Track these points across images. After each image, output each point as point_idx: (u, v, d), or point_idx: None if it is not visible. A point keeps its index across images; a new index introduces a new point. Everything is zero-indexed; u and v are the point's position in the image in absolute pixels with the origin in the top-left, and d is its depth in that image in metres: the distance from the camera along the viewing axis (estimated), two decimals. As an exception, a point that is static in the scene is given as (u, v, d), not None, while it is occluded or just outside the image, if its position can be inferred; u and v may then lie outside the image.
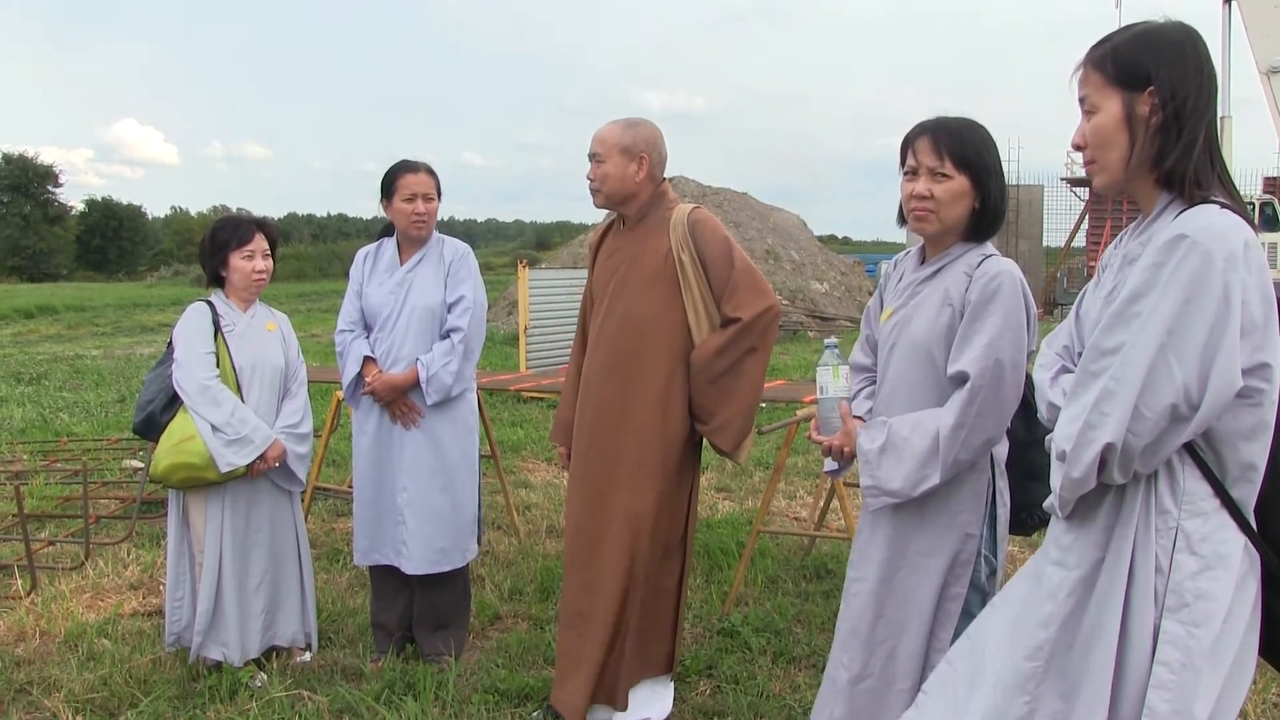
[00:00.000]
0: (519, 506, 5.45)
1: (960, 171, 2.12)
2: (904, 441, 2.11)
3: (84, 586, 4.22)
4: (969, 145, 2.12)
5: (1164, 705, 1.50)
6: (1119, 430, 1.50)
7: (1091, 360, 1.56)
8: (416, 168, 3.42)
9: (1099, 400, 1.53)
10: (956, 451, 2.06)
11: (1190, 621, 1.50)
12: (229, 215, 3.52)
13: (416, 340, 3.39)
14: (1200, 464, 1.53)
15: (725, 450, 2.88)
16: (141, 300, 28.95)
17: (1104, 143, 1.62)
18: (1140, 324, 1.50)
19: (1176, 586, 1.51)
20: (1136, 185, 1.64)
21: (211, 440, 3.14)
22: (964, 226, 2.17)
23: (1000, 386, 2.04)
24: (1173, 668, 1.50)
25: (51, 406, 9.39)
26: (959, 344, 2.10)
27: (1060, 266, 26.38)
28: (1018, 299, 2.08)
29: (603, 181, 2.88)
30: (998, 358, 2.03)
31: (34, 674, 3.36)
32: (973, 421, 2.04)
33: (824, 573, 4.39)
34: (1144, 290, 1.51)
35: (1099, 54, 1.64)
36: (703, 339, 2.83)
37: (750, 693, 3.19)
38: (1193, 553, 1.51)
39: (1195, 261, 1.47)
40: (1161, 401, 1.48)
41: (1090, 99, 1.64)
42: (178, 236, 62.57)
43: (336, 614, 3.90)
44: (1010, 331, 2.05)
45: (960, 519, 2.15)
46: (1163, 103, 1.56)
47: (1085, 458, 1.53)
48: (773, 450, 6.80)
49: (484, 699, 3.13)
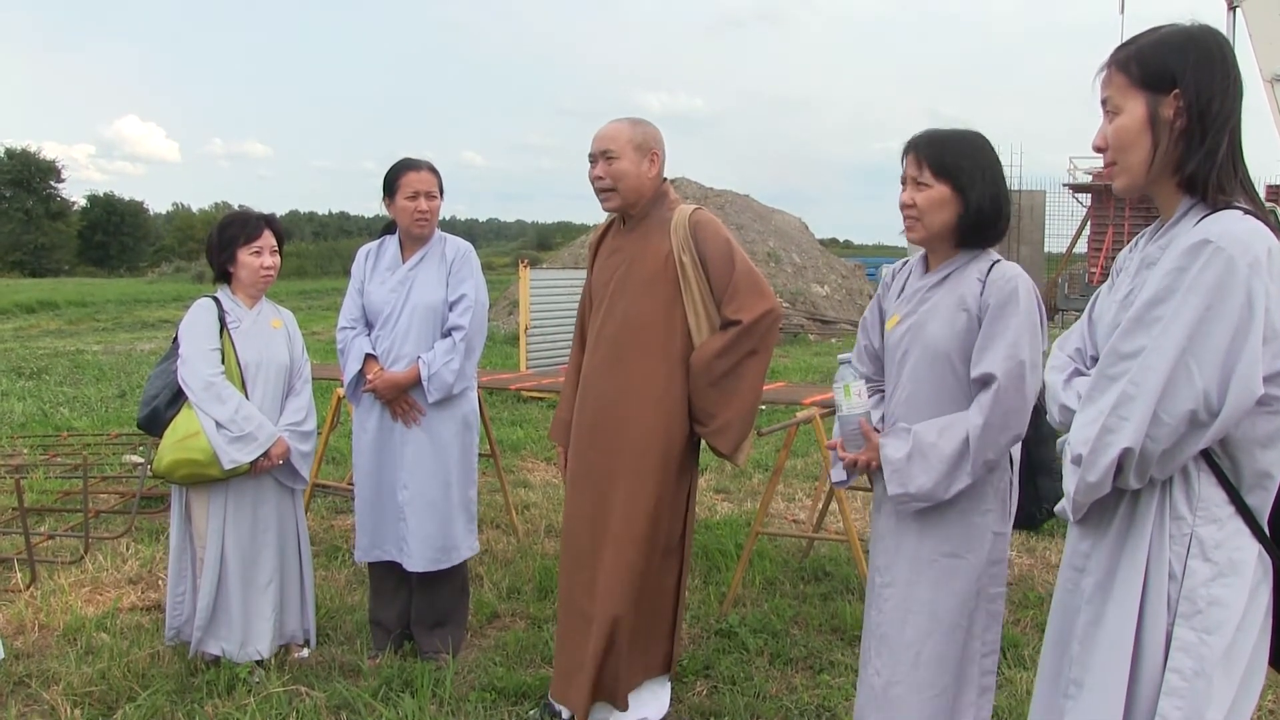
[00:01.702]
0: (518, 506, 5.46)
1: (939, 180, 2.16)
2: (931, 447, 2.14)
3: (83, 580, 4.23)
4: (947, 153, 2.16)
5: (1176, 713, 1.49)
6: (1137, 435, 1.48)
7: (1110, 364, 1.55)
8: (419, 166, 3.43)
9: (1117, 404, 1.51)
10: (986, 452, 2.11)
11: (1203, 629, 1.49)
12: (237, 211, 3.53)
13: (418, 338, 3.39)
14: (1216, 471, 1.52)
15: (724, 453, 2.88)
16: (143, 296, 28.99)
17: (1126, 145, 1.61)
18: (1161, 329, 1.49)
19: (1190, 593, 1.51)
20: (1158, 188, 1.63)
21: (215, 437, 3.14)
22: (952, 233, 2.20)
23: (1023, 386, 2.09)
24: (1185, 675, 1.49)
25: (52, 401, 9.41)
26: (981, 347, 2.14)
27: (1061, 272, 26.38)
28: (1032, 301, 2.13)
29: (618, 179, 2.84)
30: (1020, 358, 2.08)
31: (33, 667, 3.37)
32: (1000, 421, 2.09)
33: (822, 575, 4.40)
34: (1165, 295, 1.49)
35: (1124, 55, 1.62)
36: (703, 341, 2.83)
37: (747, 693, 3.20)
38: (1206, 559, 1.50)
39: (1218, 267, 1.45)
40: (1181, 407, 1.46)
41: (1113, 100, 1.62)
42: (179, 233, 62.63)
43: (335, 611, 3.91)
44: (1029, 332, 2.10)
45: (989, 518, 2.18)
46: (1188, 106, 1.55)
47: (1102, 462, 1.52)
48: (772, 452, 6.81)
49: (481, 697, 3.14)
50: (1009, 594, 4.13)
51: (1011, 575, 4.42)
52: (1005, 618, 3.84)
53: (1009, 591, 4.16)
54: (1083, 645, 1.63)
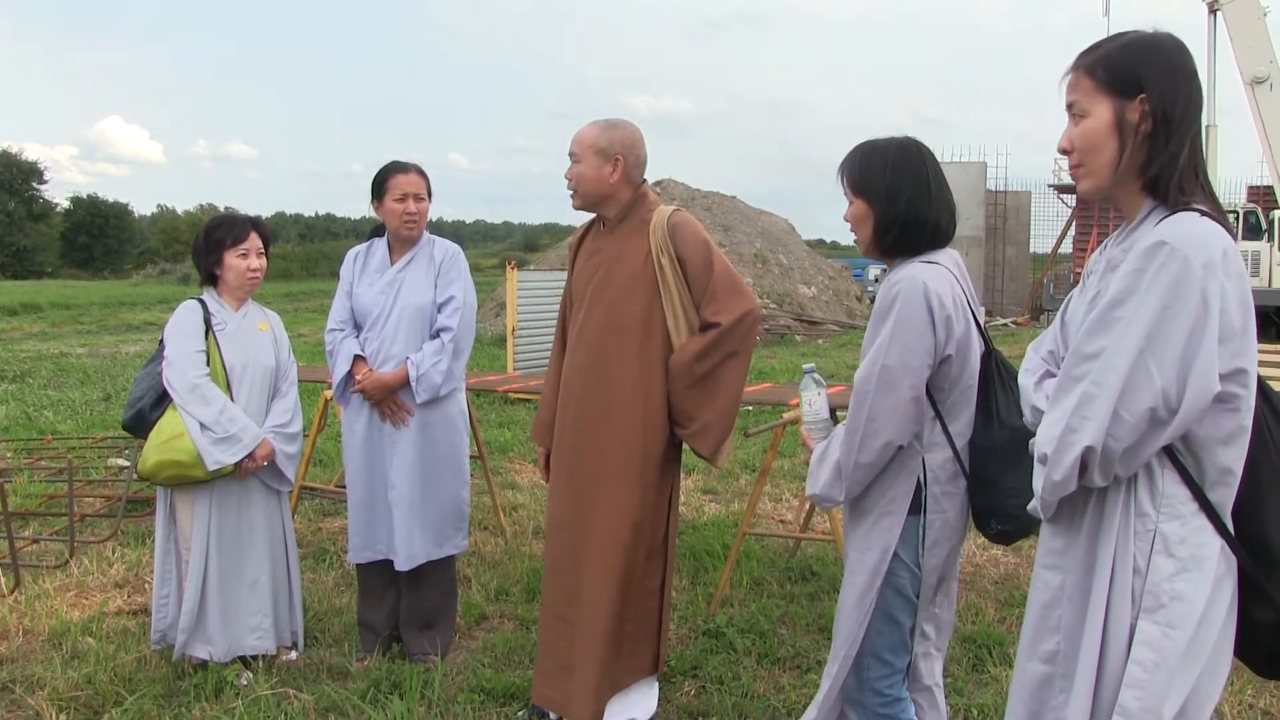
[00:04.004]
0: (505, 507, 5.46)
1: (856, 196, 2.21)
2: (829, 451, 2.19)
3: (68, 585, 4.21)
4: (857, 170, 2.20)
5: (1135, 703, 1.53)
6: (1099, 434, 1.52)
7: (1073, 365, 1.59)
8: (407, 168, 3.43)
9: (1079, 404, 1.55)
10: (855, 454, 2.11)
11: (1166, 623, 1.53)
12: (223, 214, 3.53)
13: (406, 340, 3.40)
14: (1179, 468, 1.55)
15: (704, 454, 2.89)
16: (127, 299, 28.79)
17: (1092, 147, 1.65)
18: (1121, 329, 1.52)
19: (1153, 588, 1.54)
20: (1122, 191, 1.67)
21: (200, 438, 3.14)
22: (874, 245, 2.23)
23: (891, 391, 2.07)
24: (1146, 667, 1.53)
25: (35, 404, 9.35)
26: (861, 352, 2.18)
27: (1047, 273, 26.54)
28: (913, 306, 2.08)
29: (578, 182, 2.89)
30: (884, 363, 2.08)
31: (17, 672, 3.35)
32: (864, 425, 2.09)
33: (809, 575, 4.41)
34: (1124, 296, 1.53)
35: (1090, 60, 1.65)
36: (682, 343, 2.83)
37: (735, 693, 3.21)
38: (1170, 555, 1.54)
39: (1174, 268, 1.49)
40: (1141, 405, 1.50)
41: (1079, 104, 1.66)
42: (164, 235, 62.20)
43: (323, 613, 3.90)
44: (901, 339, 2.07)
45: (884, 521, 2.17)
46: (1153, 110, 1.59)
47: (1066, 460, 1.56)
48: (759, 453, 6.83)
49: (469, 698, 3.14)
50: (994, 592, 4.17)
51: (997, 574, 4.45)
52: (990, 615, 3.88)
53: (994, 590, 4.20)
54: (1069, 641, 1.66)
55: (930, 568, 2.18)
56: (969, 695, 3.21)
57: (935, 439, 2.15)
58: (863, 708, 2.24)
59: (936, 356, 2.10)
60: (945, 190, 2.20)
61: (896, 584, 2.17)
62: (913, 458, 2.15)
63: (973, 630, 3.71)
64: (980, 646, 3.56)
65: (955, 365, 2.13)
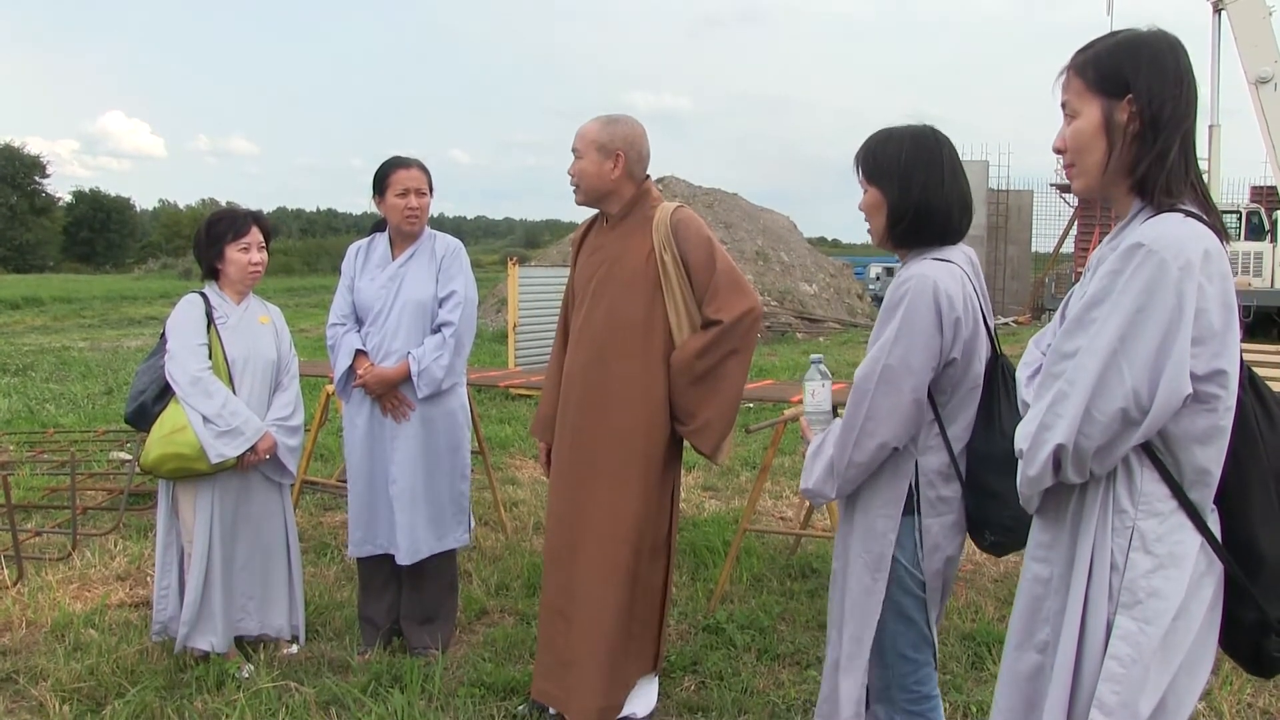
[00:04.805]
0: (506, 503, 5.47)
1: (870, 184, 2.17)
2: (824, 446, 2.16)
3: (71, 577, 4.23)
4: (872, 157, 2.16)
5: (1112, 698, 1.54)
6: (1070, 432, 1.54)
7: (1052, 363, 1.61)
8: (409, 163, 3.44)
9: (1054, 402, 1.57)
10: (849, 452, 2.09)
11: (1143, 619, 1.54)
12: (224, 208, 3.54)
13: (408, 334, 3.40)
14: (1159, 466, 1.56)
15: (705, 452, 2.89)
16: (129, 293, 28.84)
17: (1083, 148, 1.65)
18: (1095, 330, 1.54)
19: (1130, 584, 1.55)
20: (1113, 190, 1.67)
21: (202, 431, 3.15)
22: (887, 236, 2.19)
23: (892, 391, 2.04)
24: (1123, 662, 1.54)
25: (38, 398, 9.36)
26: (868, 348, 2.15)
27: (1049, 272, 26.51)
28: (921, 305, 2.04)
29: (580, 177, 2.89)
30: (887, 362, 2.04)
31: (20, 663, 3.37)
32: (861, 424, 2.06)
33: (809, 571, 4.42)
34: (1101, 297, 1.55)
35: (1081, 60, 1.66)
36: (684, 340, 2.83)
37: (734, 689, 3.22)
38: (1147, 552, 1.55)
39: (1150, 270, 1.50)
40: (1112, 405, 1.51)
41: (1071, 104, 1.66)
42: (166, 229, 62.26)
43: (324, 607, 3.91)
44: (906, 339, 2.04)
45: (878, 524, 2.15)
46: (1140, 111, 1.59)
47: (1039, 457, 1.58)
48: (759, 450, 6.84)
49: (470, 692, 3.15)
50: (993, 590, 4.18)
51: (996, 571, 4.46)
52: (989, 613, 3.89)
53: (993, 589, 4.21)
54: (1055, 634, 1.67)
55: (933, 571, 2.15)
56: (968, 692, 3.22)
57: (930, 442, 2.11)
58: (891, 703, 2.23)
59: (942, 359, 2.06)
60: (961, 182, 2.15)
61: (902, 583, 2.15)
62: (905, 460, 2.12)
63: (972, 628, 3.72)
64: (979, 644, 3.56)
65: (960, 368, 2.09)
